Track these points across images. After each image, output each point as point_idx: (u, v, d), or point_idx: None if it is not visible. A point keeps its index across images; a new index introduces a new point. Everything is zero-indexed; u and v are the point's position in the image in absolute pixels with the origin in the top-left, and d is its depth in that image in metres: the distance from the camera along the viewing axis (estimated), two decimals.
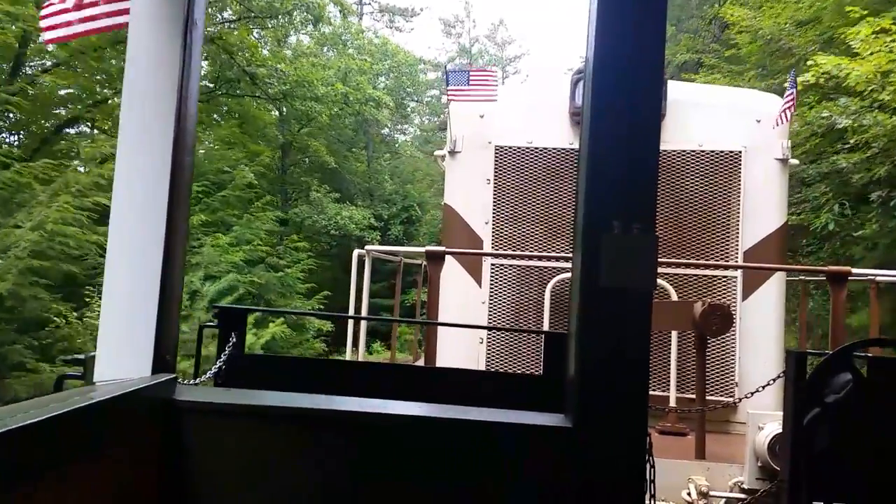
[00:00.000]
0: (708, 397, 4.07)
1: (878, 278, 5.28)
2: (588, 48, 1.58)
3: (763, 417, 3.37)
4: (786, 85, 5.10)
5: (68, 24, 2.03)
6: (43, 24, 2.17)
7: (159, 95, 1.71)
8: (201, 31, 1.83)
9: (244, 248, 16.86)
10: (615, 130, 1.50)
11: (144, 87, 1.71)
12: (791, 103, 5.00)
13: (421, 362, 7.18)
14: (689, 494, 3.61)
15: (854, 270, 4.58)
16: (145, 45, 1.72)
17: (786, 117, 5.03)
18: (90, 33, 2.00)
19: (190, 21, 1.76)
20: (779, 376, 3.48)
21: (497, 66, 39.34)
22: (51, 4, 2.08)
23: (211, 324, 2.59)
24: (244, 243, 17.11)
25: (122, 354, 1.66)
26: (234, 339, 2.50)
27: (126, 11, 1.84)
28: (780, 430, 2.90)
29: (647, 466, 1.64)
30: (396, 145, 36.34)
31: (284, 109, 25.18)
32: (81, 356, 1.61)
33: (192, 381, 1.98)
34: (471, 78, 5.60)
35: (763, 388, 3.54)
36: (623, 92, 1.50)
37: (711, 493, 3.60)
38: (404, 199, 30.60)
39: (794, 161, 5.48)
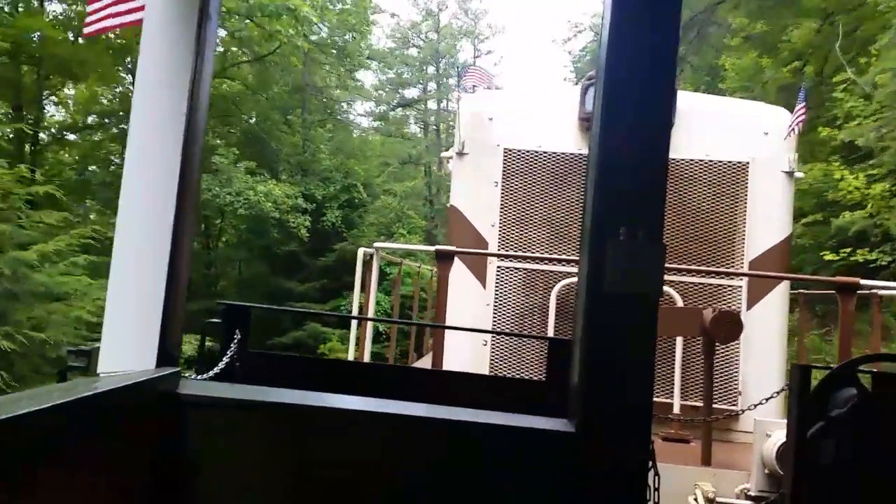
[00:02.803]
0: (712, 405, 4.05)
1: (882, 292, 5.26)
2: (600, 55, 1.58)
3: (770, 425, 3.34)
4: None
5: (103, 19, 2.07)
6: (87, 20, 2.21)
7: (171, 88, 1.72)
8: (215, 25, 1.84)
9: None
10: (625, 138, 1.49)
11: (156, 80, 1.72)
12: (803, 117, 5.03)
13: (419, 363, 7.18)
14: (695, 500, 3.60)
15: (862, 282, 4.56)
16: (158, 39, 1.72)
17: (798, 129, 5.06)
18: (120, 27, 2.03)
19: (204, 15, 1.76)
20: (783, 389, 3.47)
21: (467, 39, 35.47)
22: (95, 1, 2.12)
23: (215, 320, 2.60)
24: None
25: (126, 347, 1.66)
26: (239, 336, 2.51)
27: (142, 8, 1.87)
28: None
29: (651, 474, 1.63)
30: (341, 113, 28.58)
31: None
32: (86, 348, 1.61)
33: (196, 377, 1.98)
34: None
35: (766, 400, 3.53)
36: (634, 100, 1.50)
37: (718, 498, 3.58)
38: (346, 178, 23.73)
39: (800, 174, 5.48)
